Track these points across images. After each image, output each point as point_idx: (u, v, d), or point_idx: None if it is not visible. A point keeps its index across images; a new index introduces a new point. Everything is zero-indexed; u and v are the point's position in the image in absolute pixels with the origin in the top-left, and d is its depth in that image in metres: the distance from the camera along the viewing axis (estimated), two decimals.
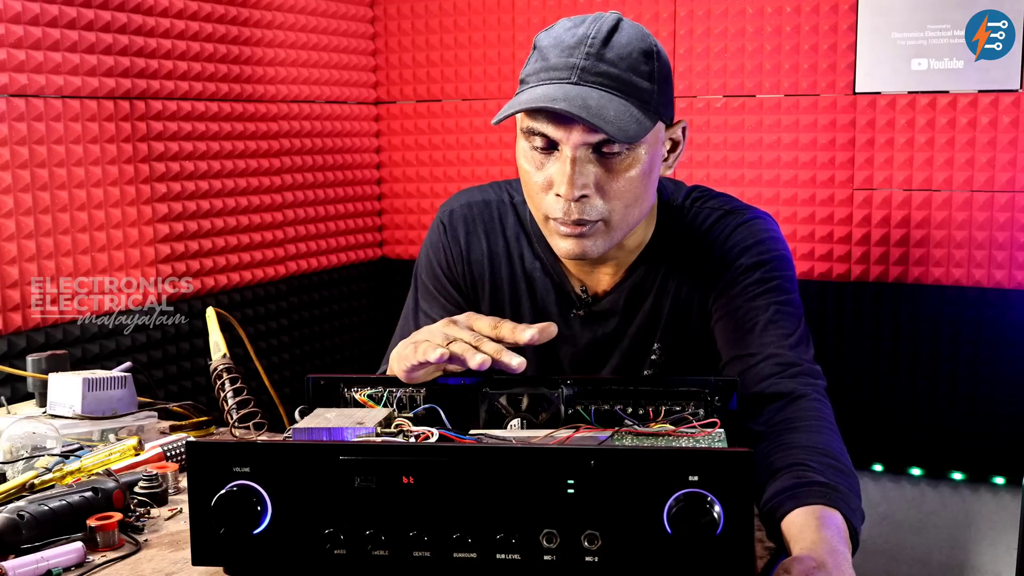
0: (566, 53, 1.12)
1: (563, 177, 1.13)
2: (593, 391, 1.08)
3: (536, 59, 1.16)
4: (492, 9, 2.72)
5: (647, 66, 1.13)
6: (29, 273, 1.89)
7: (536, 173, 1.17)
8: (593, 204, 1.15)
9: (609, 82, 1.11)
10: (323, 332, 2.76)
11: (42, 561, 0.97)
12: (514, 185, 1.40)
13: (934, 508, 2.41)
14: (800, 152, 2.40)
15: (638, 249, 1.31)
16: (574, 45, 1.12)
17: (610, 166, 1.14)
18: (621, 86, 1.12)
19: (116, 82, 2.05)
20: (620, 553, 0.84)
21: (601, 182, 1.14)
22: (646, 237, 1.31)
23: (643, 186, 1.18)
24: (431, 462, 0.86)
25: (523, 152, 1.19)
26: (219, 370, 1.45)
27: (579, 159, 1.13)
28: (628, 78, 1.12)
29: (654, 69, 1.14)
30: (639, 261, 1.31)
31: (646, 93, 1.13)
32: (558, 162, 1.14)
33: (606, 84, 1.11)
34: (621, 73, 1.12)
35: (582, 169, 1.13)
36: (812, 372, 1.17)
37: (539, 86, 1.13)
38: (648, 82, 1.13)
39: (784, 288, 1.25)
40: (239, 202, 2.41)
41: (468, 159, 2.82)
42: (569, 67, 1.12)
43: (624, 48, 1.12)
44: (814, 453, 1.02)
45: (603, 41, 1.12)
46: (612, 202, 1.15)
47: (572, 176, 1.12)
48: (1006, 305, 2.23)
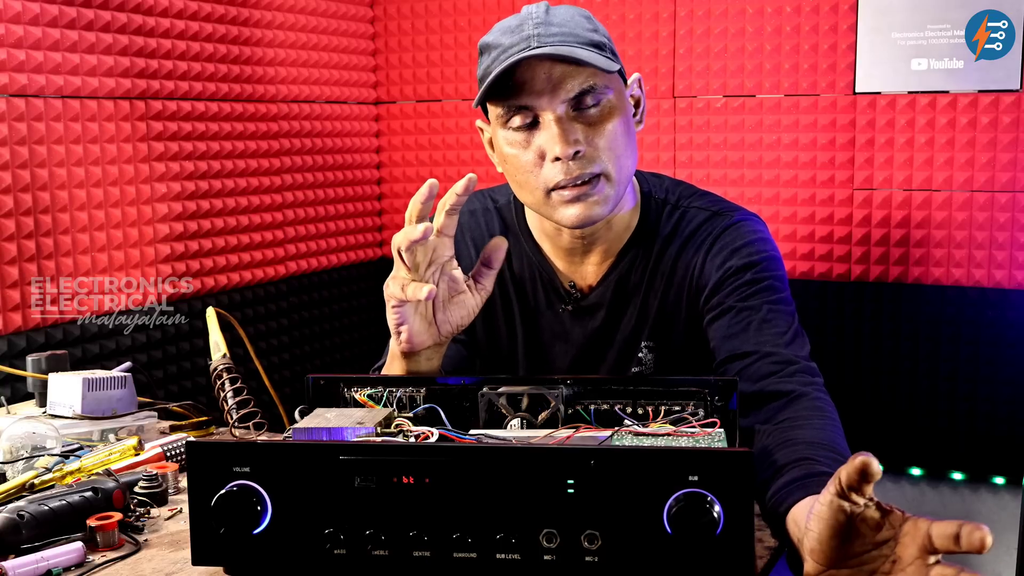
0: (514, 32, 1.19)
1: (554, 139, 1.18)
2: (593, 391, 1.08)
3: (487, 54, 1.22)
4: (492, 9, 2.72)
5: (591, 25, 1.22)
6: (29, 273, 1.89)
7: (524, 153, 1.21)
8: (590, 159, 1.19)
9: (565, 38, 1.18)
10: (323, 332, 2.76)
11: (42, 561, 0.97)
12: (496, 191, 1.43)
13: (934, 508, 2.41)
14: (800, 152, 2.40)
15: (624, 235, 1.33)
16: (519, 24, 1.20)
17: (592, 120, 1.20)
18: (576, 39, 1.19)
19: (116, 82, 2.05)
20: (620, 553, 0.84)
21: (589, 136, 1.19)
22: (631, 225, 1.33)
23: (626, 137, 1.23)
24: (431, 462, 0.86)
25: (504, 141, 1.23)
26: (219, 370, 1.45)
27: (562, 118, 1.18)
28: (579, 33, 1.20)
29: (597, 27, 1.23)
30: (624, 252, 1.33)
31: (600, 44, 1.21)
32: (543, 130, 1.19)
33: (563, 40, 1.18)
34: (572, 30, 1.19)
35: (569, 127, 1.18)
36: (809, 370, 1.18)
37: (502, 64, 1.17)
38: (597, 35, 1.21)
39: (775, 288, 1.26)
40: (239, 202, 2.41)
41: (468, 159, 2.82)
42: (525, 38, 1.18)
43: (565, 15, 1.21)
44: (820, 448, 1.02)
45: (545, 12, 1.20)
46: (605, 153, 1.20)
47: (561, 134, 1.17)
48: (1006, 305, 2.23)
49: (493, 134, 1.26)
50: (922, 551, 0.74)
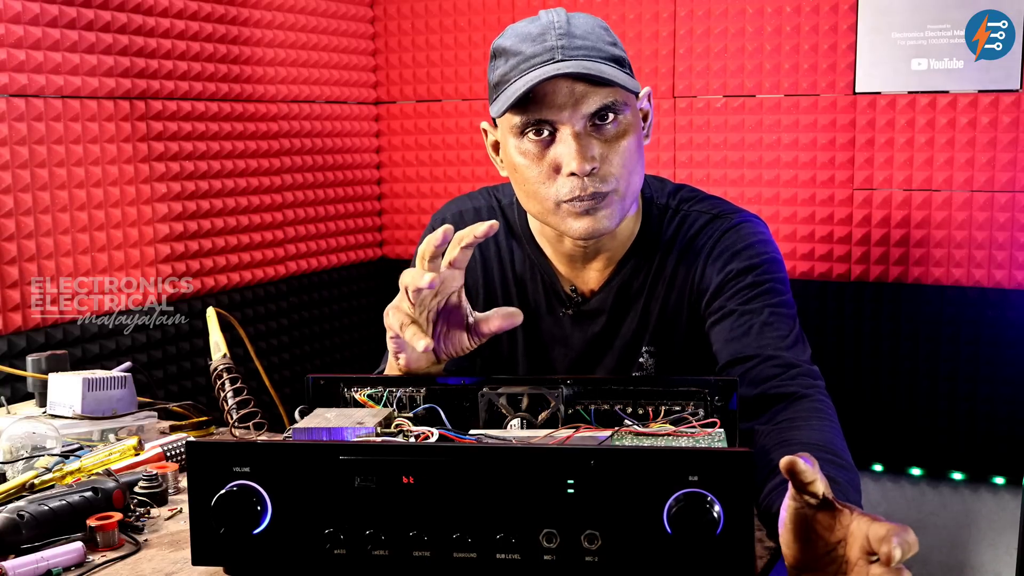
0: (538, 41, 1.17)
1: (571, 154, 1.16)
2: (593, 391, 1.08)
3: (505, 60, 1.20)
4: (492, 9, 2.72)
5: (610, 37, 1.21)
6: (29, 273, 1.89)
7: (535, 165, 1.20)
8: (603, 175, 1.19)
9: (589, 52, 1.17)
10: (323, 332, 2.76)
11: (42, 561, 0.97)
12: (501, 190, 1.42)
13: (934, 508, 2.41)
14: (800, 152, 2.40)
15: (627, 242, 1.32)
16: (542, 32, 1.18)
17: (608, 136, 1.19)
18: (600, 55, 1.18)
19: (116, 82, 2.05)
20: (620, 553, 0.84)
21: (605, 152, 1.19)
22: (634, 231, 1.33)
23: (638, 153, 1.23)
24: (431, 462, 0.86)
25: (516, 151, 1.22)
26: (219, 370, 1.45)
27: (580, 134, 1.17)
28: (602, 47, 1.18)
29: (616, 41, 1.22)
30: (626, 258, 1.33)
31: (621, 59, 1.20)
32: (560, 144, 1.18)
33: (588, 55, 1.16)
34: (595, 43, 1.18)
35: (587, 143, 1.17)
36: (811, 373, 1.18)
37: (525, 74, 1.16)
38: (617, 49, 1.21)
39: (777, 290, 1.25)
40: (239, 202, 2.41)
41: (468, 159, 2.82)
42: (548, 49, 1.16)
43: (587, 26, 1.19)
44: (814, 449, 1.02)
45: (566, 23, 1.18)
46: (619, 170, 1.20)
47: (579, 151, 1.16)
48: (1006, 305, 2.23)
49: (503, 141, 1.25)
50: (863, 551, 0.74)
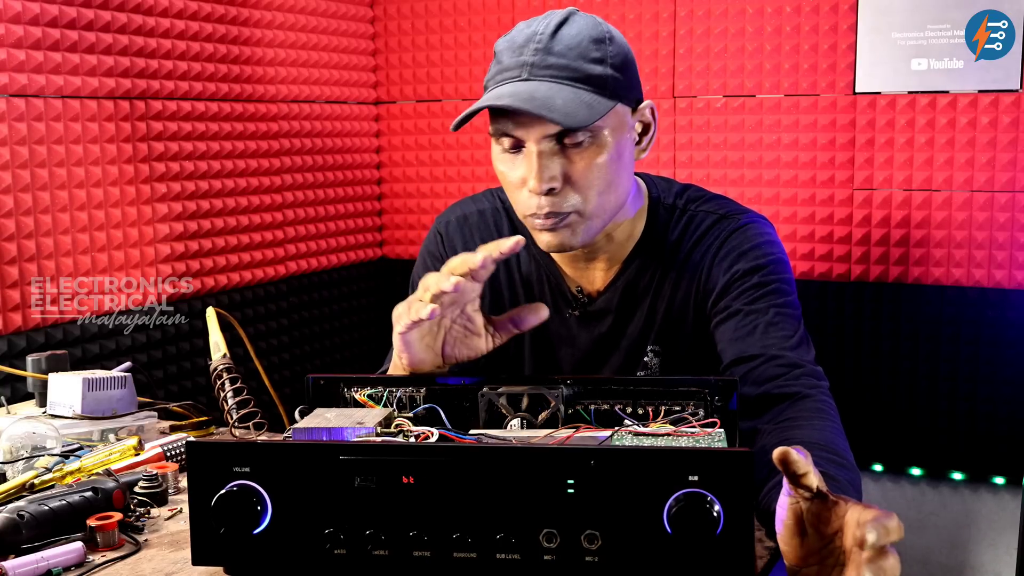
0: (516, 53, 1.18)
1: (531, 172, 1.17)
2: (593, 391, 1.08)
3: (495, 63, 1.22)
4: (492, 9, 2.72)
5: (599, 52, 1.18)
6: (29, 273, 1.89)
7: (510, 173, 1.22)
8: (564, 196, 1.18)
9: (558, 72, 1.16)
10: (323, 332, 2.76)
11: (42, 561, 0.97)
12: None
13: (934, 508, 2.41)
14: (800, 152, 2.40)
15: (629, 244, 1.32)
16: (523, 44, 1.18)
17: (575, 156, 1.18)
18: (570, 75, 1.16)
19: (116, 82, 2.05)
20: (620, 553, 0.84)
21: (569, 173, 1.18)
22: (636, 232, 1.32)
23: (614, 172, 1.20)
24: (431, 462, 0.86)
25: (496, 155, 1.24)
26: (219, 370, 1.45)
27: (544, 153, 1.17)
28: (577, 66, 1.16)
29: (606, 54, 1.18)
30: (631, 258, 1.32)
31: (598, 79, 1.17)
32: (525, 158, 1.19)
33: (555, 76, 1.16)
34: (570, 62, 1.16)
35: (548, 163, 1.17)
36: (815, 374, 1.18)
37: (494, 88, 1.19)
38: (600, 66, 1.17)
39: (782, 291, 1.25)
40: (239, 202, 2.41)
41: (468, 159, 2.82)
42: (519, 65, 1.17)
43: (573, 38, 1.17)
44: (814, 447, 1.02)
45: (551, 35, 1.17)
46: (584, 192, 1.19)
47: (538, 171, 1.17)
48: (1006, 305, 2.23)
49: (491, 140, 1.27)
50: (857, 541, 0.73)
